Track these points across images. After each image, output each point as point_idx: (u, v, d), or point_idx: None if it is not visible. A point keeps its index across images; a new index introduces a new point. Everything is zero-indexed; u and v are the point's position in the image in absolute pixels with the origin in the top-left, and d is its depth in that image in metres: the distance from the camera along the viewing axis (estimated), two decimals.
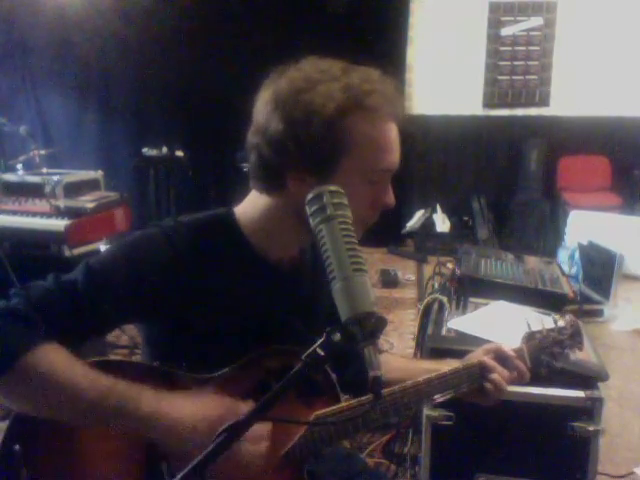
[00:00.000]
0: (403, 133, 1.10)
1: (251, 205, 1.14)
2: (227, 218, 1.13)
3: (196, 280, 1.06)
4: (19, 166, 3.68)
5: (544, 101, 5.72)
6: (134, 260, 1.05)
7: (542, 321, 1.32)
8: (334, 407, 1.11)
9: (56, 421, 0.98)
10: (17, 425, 1.01)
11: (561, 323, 1.31)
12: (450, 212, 5.84)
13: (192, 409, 1.00)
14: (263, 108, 1.05)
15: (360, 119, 1.02)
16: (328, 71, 1.04)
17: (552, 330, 1.29)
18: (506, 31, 5.66)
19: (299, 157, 1.02)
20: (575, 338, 1.30)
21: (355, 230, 0.85)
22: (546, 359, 1.26)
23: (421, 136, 5.53)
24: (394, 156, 1.08)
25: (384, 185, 1.09)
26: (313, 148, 1.01)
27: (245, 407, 1.01)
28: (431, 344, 1.73)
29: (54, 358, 0.96)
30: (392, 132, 1.07)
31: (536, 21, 5.61)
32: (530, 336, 1.28)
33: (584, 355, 1.68)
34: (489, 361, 1.22)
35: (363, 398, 1.12)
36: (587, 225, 4.48)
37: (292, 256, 1.18)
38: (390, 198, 1.10)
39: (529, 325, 1.31)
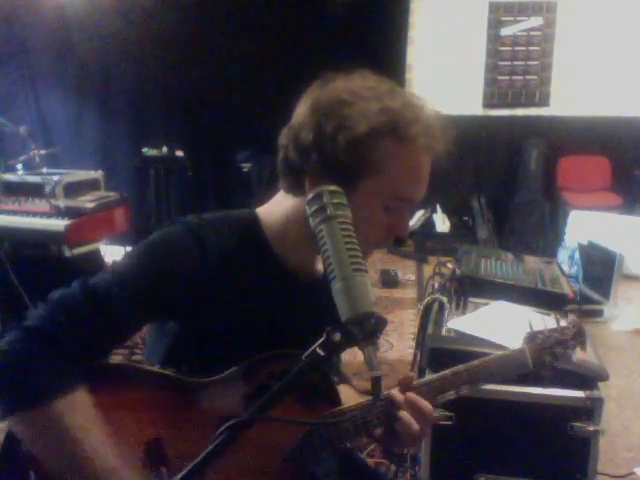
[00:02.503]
0: None
1: (276, 206, 1.13)
2: (251, 219, 1.12)
3: (218, 282, 1.05)
4: (19, 166, 3.68)
5: (544, 101, 5.72)
6: (161, 262, 1.03)
7: (544, 321, 1.31)
8: (334, 410, 1.11)
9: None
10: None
11: (563, 323, 1.31)
12: (450, 212, 5.84)
13: None
14: (301, 112, 1.05)
15: (391, 144, 1.00)
16: (374, 89, 1.02)
17: (554, 330, 1.28)
18: (506, 31, 5.67)
19: (321, 167, 1.01)
20: (578, 338, 1.28)
21: (363, 251, 0.84)
22: (549, 360, 1.25)
23: None
24: (418, 189, 1.05)
25: (401, 214, 1.07)
26: (335, 163, 1.00)
27: None
28: (431, 344, 1.73)
29: (77, 412, 0.95)
30: (423, 164, 1.04)
31: (536, 21, 5.62)
32: (532, 336, 1.27)
33: (584, 355, 1.68)
34: (397, 394, 1.07)
35: (364, 401, 1.12)
36: (587, 225, 4.48)
37: (312, 265, 1.17)
38: (402, 229, 1.08)
39: (531, 325, 1.30)
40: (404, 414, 1.06)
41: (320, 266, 1.20)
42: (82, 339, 0.96)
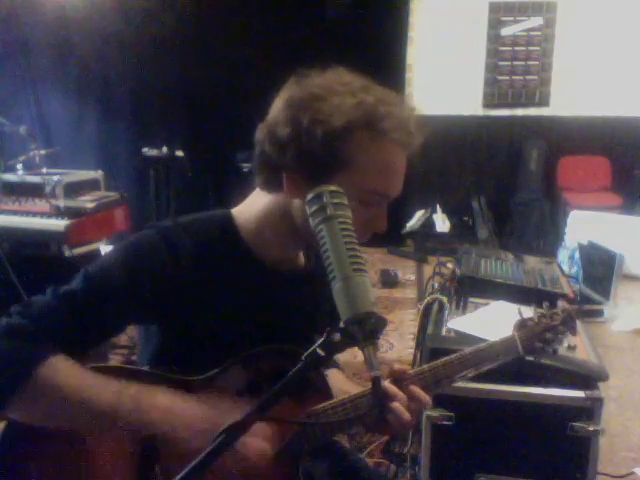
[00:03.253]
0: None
1: (251, 204, 1.14)
2: (225, 219, 1.13)
3: (193, 283, 1.06)
4: (19, 166, 3.68)
5: (544, 101, 5.72)
6: (132, 265, 1.04)
7: (535, 310, 1.31)
8: (326, 403, 1.11)
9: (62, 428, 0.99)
10: (13, 427, 1.01)
11: (553, 310, 1.30)
12: (450, 212, 5.84)
13: (206, 413, 1.01)
14: (277, 107, 1.06)
15: (366, 138, 1.01)
16: (348, 84, 1.03)
17: (544, 316, 1.28)
18: (506, 31, 5.67)
19: (297, 162, 1.02)
20: (568, 323, 1.27)
21: None
22: (539, 346, 1.25)
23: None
24: (393, 183, 1.06)
25: (378, 209, 1.07)
26: (311, 156, 1.01)
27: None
28: (431, 344, 1.73)
29: (63, 369, 0.96)
30: (396, 158, 1.05)
31: (536, 21, 5.61)
32: (522, 323, 1.27)
33: (584, 355, 1.68)
34: (390, 387, 1.08)
35: (357, 394, 1.12)
36: (587, 225, 4.48)
37: (291, 259, 1.18)
38: (381, 225, 1.08)
39: (520, 313, 1.30)
40: (397, 405, 1.07)
41: (301, 261, 1.21)
42: (52, 342, 0.97)
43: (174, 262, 1.04)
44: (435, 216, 5.75)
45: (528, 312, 1.31)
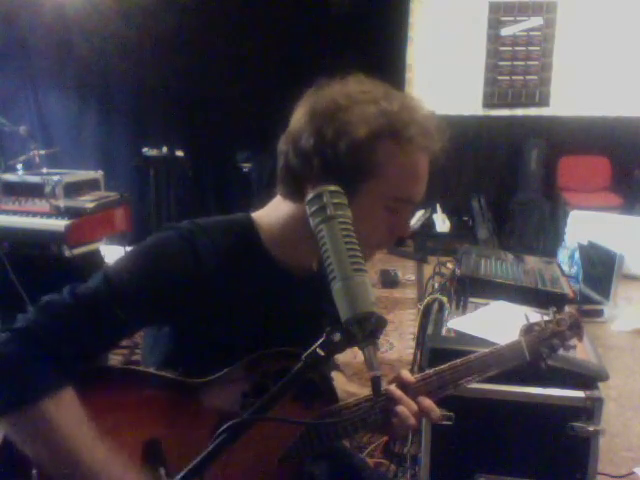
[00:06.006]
0: None
1: (273, 211, 1.14)
2: (246, 223, 1.13)
3: (213, 286, 1.05)
4: (19, 166, 3.68)
5: (544, 101, 5.73)
6: (153, 267, 1.03)
7: (542, 316, 1.31)
8: (331, 407, 1.11)
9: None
10: None
11: (560, 315, 1.30)
12: (450, 212, 5.84)
13: None
14: (299, 117, 1.05)
15: (391, 146, 1.01)
16: (370, 92, 1.03)
17: (550, 322, 1.27)
18: (506, 31, 5.67)
19: (323, 173, 1.01)
20: (574, 329, 1.28)
21: (366, 252, 0.85)
22: (546, 351, 1.25)
23: None
24: (418, 189, 1.07)
25: (402, 215, 1.08)
26: (337, 167, 1.00)
27: None
28: (431, 344, 1.73)
29: (66, 411, 0.95)
30: (421, 165, 1.05)
31: (536, 21, 5.62)
32: (528, 328, 1.26)
33: (584, 355, 1.68)
34: (395, 391, 1.10)
35: (361, 398, 1.12)
36: (587, 225, 4.48)
37: (309, 266, 1.18)
38: (405, 230, 1.09)
39: (527, 318, 1.30)
40: (402, 409, 1.07)
41: (316, 266, 1.21)
42: (69, 343, 0.96)
43: (195, 264, 1.03)
44: (435, 216, 5.75)
45: (534, 316, 1.31)
